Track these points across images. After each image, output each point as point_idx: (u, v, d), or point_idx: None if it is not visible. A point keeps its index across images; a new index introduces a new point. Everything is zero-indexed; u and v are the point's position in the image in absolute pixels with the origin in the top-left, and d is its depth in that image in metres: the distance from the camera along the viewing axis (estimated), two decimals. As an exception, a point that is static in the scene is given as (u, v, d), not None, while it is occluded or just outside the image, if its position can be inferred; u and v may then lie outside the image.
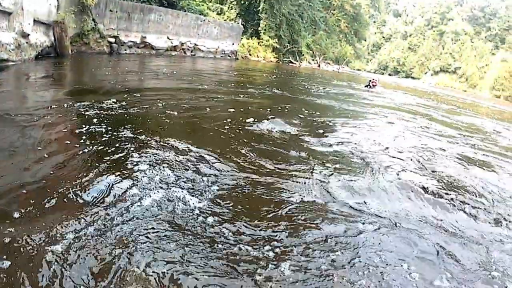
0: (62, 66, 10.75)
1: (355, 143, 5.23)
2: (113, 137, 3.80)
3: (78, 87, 7.37)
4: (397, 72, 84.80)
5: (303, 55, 34.76)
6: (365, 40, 58.68)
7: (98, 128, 4.04)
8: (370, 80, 19.02)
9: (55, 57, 12.01)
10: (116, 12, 17.25)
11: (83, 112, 4.59)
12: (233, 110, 6.24)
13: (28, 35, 9.10)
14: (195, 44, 23.70)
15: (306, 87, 12.75)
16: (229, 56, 26.89)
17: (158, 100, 5.95)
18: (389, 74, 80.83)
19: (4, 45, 7.75)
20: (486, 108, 24.56)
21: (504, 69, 67.65)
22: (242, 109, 6.43)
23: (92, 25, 15.62)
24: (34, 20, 9.64)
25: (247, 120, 5.18)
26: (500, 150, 7.18)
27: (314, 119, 5.99)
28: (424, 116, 9.99)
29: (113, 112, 4.71)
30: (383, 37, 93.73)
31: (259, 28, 30.28)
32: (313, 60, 36.06)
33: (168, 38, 21.27)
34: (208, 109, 5.49)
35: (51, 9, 11.32)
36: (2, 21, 7.61)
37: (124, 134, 3.97)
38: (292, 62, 32.94)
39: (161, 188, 2.95)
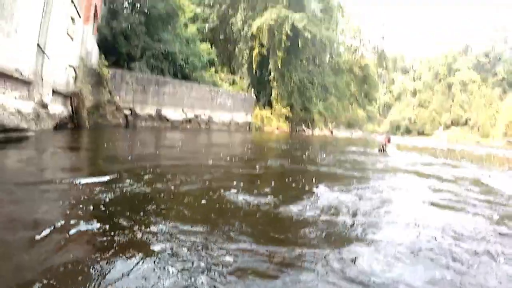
0: (79, 137, 10.20)
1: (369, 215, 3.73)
2: (125, 217, 2.97)
3: (94, 160, 6.70)
4: (409, 131, 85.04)
5: (316, 122, 34.36)
6: (376, 102, 59.11)
7: (109, 206, 3.30)
8: (381, 146, 18.09)
9: (72, 128, 11.62)
10: (132, 84, 17.14)
11: (95, 188, 3.76)
12: (243, 184, 5.02)
13: (47, 105, 8.95)
14: (210, 117, 23.23)
15: (317, 156, 11.83)
16: (243, 128, 26.27)
17: (173, 177, 4.98)
18: (402, 134, 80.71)
19: (24, 115, 7.26)
20: (498, 158, 23.04)
21: None
22: (255, 185, 5.23)
23: (108, 97, 15.41)
24: (53, 91, 9.55)
25: (265, 201, 3.91)
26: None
27: (322, 194, 4.70)
28: (432, 177, 8.57)
29: (127, 189, 3.95)
30: (393, 96, 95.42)
31: (271, 98, 30.18)
32: (325, 126, 35.63)
33: (183, 110, 20.82)
34: (220, 189, 4.30)
35: (69, 80, 11.38)
36: (23, 91, 7.32)
37: (137, 212, 3.14)
38: (305, 130, 32.40)
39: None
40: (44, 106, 8.83)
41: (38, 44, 7.72)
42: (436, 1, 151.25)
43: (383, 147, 16.93)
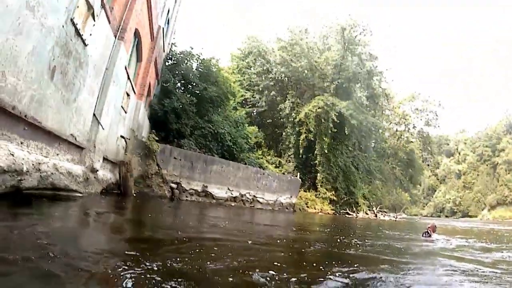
0: (124, 204, 10.86)
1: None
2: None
3: (137, 229, 7.20)
4: (454, 212, 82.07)
5: (360, 205, 34.20)
6: (420, 185, 58.36)
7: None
8: (426, 230, 17.93)
9: (118, 194, 12.22)
10: (180, 160, 17.96)
11: (136, 261, 3.90)
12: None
13: (97, 170, 9.60)
14: (254, 196, 23.74)
15: (360, 241, 11.95)
16: (286, 208, 26.58)
17: (218, 255, 5.38)
18: (446, 216, 77.79)
19: (74, 177, 8.02)
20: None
21: None
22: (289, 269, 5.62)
23: (156, 169, 16.17)
24: (104, 158, 10.25)
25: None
26: None
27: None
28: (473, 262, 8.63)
29: (170, 265, 4.00)
30: (438, 179, 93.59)
31: (316, 181, 30.74)
32: (369, 210, 35.30)
33: (228, 189, 21.51)
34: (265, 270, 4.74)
35: (120, 149, 12.25)
36: (75, 155, 8.07)
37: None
38: (348, 214, 32.15)
39: None
40: (94, 171, 9.46)
41: (94, 114, 8.48)
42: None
43: (428, 232, 16.88)
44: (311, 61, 33.86)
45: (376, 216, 34.43)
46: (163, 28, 17.17)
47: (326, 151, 30.49)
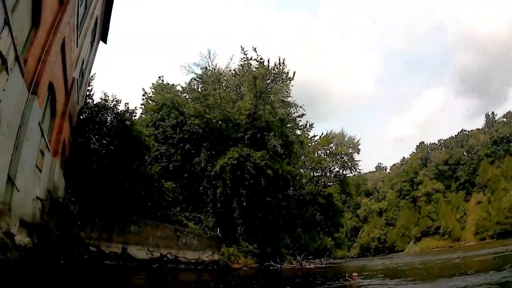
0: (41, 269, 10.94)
1: None
2: None
3: None
4: (380, 250, 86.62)
5: (284, 256, 35.69)
6: (343, 227, 61.99)
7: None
8: (348, 276, 19.91)
9: (37, 259, 11.76)
10: (98, 221, 18.00)
11: None
12: None
13: (14, 235, 9.55)
14: (176, 256, 24.22)
15: None
16: (209, 266, 27.24)
17: None
18: (372, 255, 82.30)
19: None
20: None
21: (482, 210, 72.15)
22: None
23: (74, 232, 16.15)
24: (20, 221, 10.08)
25: None
26: None
27: None
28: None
29: None
30: (360, 219, 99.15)
31: (237, 235, 31.77)
32: (294, 259, 36.93)
33: (148, 249, 21.72)
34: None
35: (37, 212, 12.14)
36: None
37: None
38: (273, 266, 33.37)
39: None
40: (11, 236, 9.14)
41: (8, 175, 8.26)
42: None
43: (352, 279, 18.79)
44: (224, 112, 35.79)
45: (301, 265, 36.13)
46: (77, 80, 17.30)
47: (244, 203, 31.81)
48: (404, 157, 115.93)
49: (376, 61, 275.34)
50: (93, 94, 25.21)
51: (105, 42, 24.78)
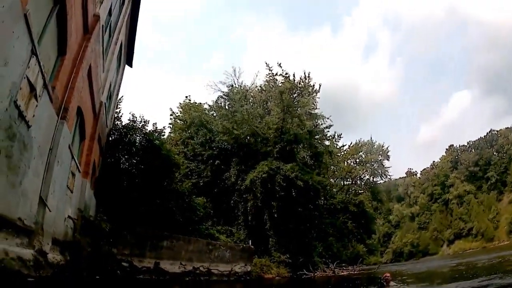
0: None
1: None
2: None
3: None
4: (413, 254, 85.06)
5: (316, 264, 36.08)
6: (375, 234, 61.61)
7: None
8: (381, 278, 19.82)
9: (69, 276, 11.92)
10: (130, 238, 18.69)
11: None
12: None
13: (47, 253, 9.67)
14: (208, 268, 24.97)
15: None
16: (242, 277, 27.88)
17: None
18: (405, 260, 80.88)
19: (24, 261, 7.75)
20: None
21: None
22: None
23: (106, 249, 16.84)
24: (53, 240, 10.39)
25: None
26: None
27: None
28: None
29: None
30: (392, 225, 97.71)
31: (269, 246, 32.48)
32: (327, 267, 37.23)
33: (181, 263, 22.38)
34: None
35: (68, 230, 12.51)
36: (24, 239, 8.21)
37: None
38: (306, 274, 33.81)
39: None
40: (43, 254, 9.26)
41: (40, 196, 8.47)
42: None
43: (383, 283, 18.95)
44: (252, 127, 36.82)
45: (334, 272, 36.42)
46: (105, 104, 17.93)
47: (275, 215, 32.58)
48: (434, 161, 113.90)
49: (400, 68, 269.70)
50: (121, 116, 26.50)
51: (130, 66, 26.04)
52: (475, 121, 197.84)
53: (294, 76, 40.10)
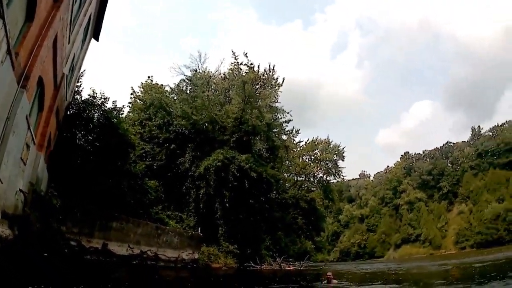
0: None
1: None
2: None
3: None
4: (360, 255, 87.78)
5: (264, 257, 36.26)
6: (324, 232, 62.97)
7: None
8: (326, 278, 20.33)
9: (18, 251, 11.69)
10: (80, 216, 18.14)
11: None
12: None
13: None
14: (156, 253, 24.54)
15: None
16: (189, 264, 27.64)
17: None
18: (352, 260, 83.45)
19: None
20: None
21: (463, 221, 73.84)
22: None
23: (55, 226, 16.20)
24: (2, 213, 10.14)
25: None
26: None
27: None
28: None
29: None
30: (341, 225, 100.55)
31: (218, 235, 32.29)
32: (274, 261, 37.48)
33: (129, 246, 21.99)
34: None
35: (19, 204, 12.21)
36: None
37: None
38: (253, 266, 33.89)
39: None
40: None
41: None
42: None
43: (328, 280, 19.27)
44: (211, 114, 36.35)
45: (280, 266, 36.73)
46: (67, 76, 17.30)
47: (227, 205, 32.33)
48: (388, 166, 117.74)
49: (367, 71, 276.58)
50: (81, 91, 25.47)
51: (97, 39, 24.95)
52: (434, 132, 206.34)
53: (258, 67, 39.89)
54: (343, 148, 55.46)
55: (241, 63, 39.45)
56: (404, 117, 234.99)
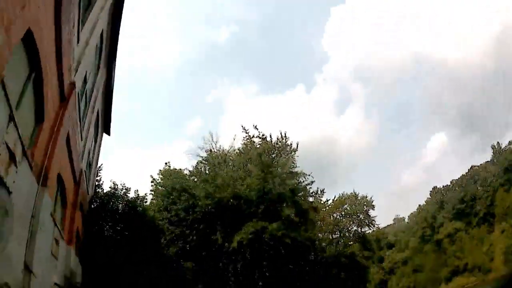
0: None
1: None
2: None
3: None
4: None
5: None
6: (370, 282, 60.66)
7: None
8: None
9: None
10: None
11: None
12: None
13: None
14: None
15: None
16: None
17: None
18: None
19: None
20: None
21: (508, 238, 69.70)
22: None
23: None
24: None
25: None
26: None
27: None
28: None
29: None
30: (386, 272, 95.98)
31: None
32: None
33: None
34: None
35: None
36: None
37: None
38: None
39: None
40: None
41: (25, 262, 8.57)
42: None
43: None
44: (234, 190, 37.02)
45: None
46: (85, 171, 18.40)
47: (266, 274, 32.22)
48: (419, 204, 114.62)
49: (376, 117, 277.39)
50: (102, 184, 26.84)
51: (108, 133, 26.70)
52: (454, 161, 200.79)
53: (271, 137, 41.31)
54: (371, 198, 55.11)
55: (253, 136, 40.87)
56: (424, 153, 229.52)
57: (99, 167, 28.05)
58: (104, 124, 25.41)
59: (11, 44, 6.24)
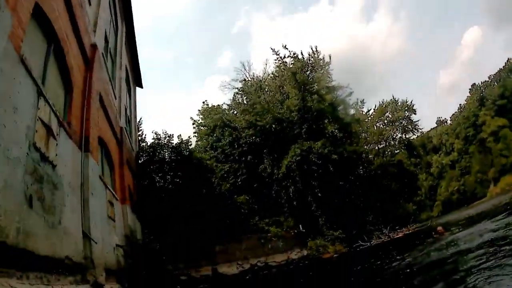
0: None
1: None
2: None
3: None
4: (463, 201, 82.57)
5: (371, 233, 35.19)
6: (420, 190, 60.72)
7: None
8: (435, 232, 19.83)
9: None
10: (182, 250, 19.43)
11: None
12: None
13: (103, 285, 9.43)
14: (265, 262, 24.83)
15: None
16: (300, 262, 27.48)
17: None
18: (456, 208, 78.70)
19: None
20: None
21: None
22: None
23: (160, 267, 16.99)
24: (106, 271, 10.17)
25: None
26: None
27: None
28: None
29: None
30: (435, 177, 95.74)
31: (320, 226, 32.11)
32: (381, 234, 36.25)
33: (238, 263, 22.63)
34: None
35: (120, 258, 12.74)
36: (76, 275, 7.98)
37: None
38: (362, 245, 32.97)
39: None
40: (100, 286, 9.16)
41: (83, 231, 8.60)
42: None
43: (439, 233, 18.91)
44: (275, 115, 36.56)
45: (389, 237, 35.54)
46: (125, 128, 18.21)
47: (319, 194, 32.18)
48: (460, 104, 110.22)
49: (406, 21, 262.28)
50: (145, 137, 26.75)
51: (140, 86, 26.17)
52: (491, 55, 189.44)
53: (302, 54, 39.57)
54: (411, 102, 53.27)
55: (284, 56, 39.29)
56: (459, 51, 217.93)
57: (139, 121, 27.92)
58: (135, 78, 24.77)
59: (23, 23, 5.99)
